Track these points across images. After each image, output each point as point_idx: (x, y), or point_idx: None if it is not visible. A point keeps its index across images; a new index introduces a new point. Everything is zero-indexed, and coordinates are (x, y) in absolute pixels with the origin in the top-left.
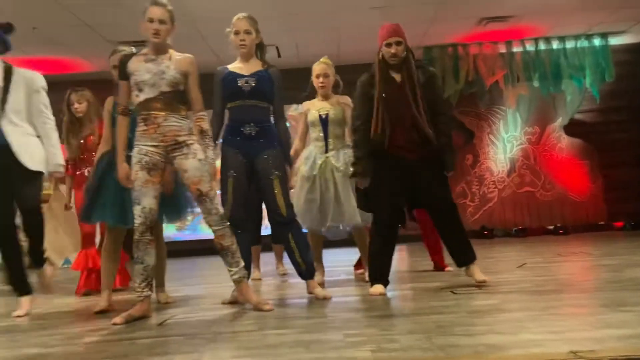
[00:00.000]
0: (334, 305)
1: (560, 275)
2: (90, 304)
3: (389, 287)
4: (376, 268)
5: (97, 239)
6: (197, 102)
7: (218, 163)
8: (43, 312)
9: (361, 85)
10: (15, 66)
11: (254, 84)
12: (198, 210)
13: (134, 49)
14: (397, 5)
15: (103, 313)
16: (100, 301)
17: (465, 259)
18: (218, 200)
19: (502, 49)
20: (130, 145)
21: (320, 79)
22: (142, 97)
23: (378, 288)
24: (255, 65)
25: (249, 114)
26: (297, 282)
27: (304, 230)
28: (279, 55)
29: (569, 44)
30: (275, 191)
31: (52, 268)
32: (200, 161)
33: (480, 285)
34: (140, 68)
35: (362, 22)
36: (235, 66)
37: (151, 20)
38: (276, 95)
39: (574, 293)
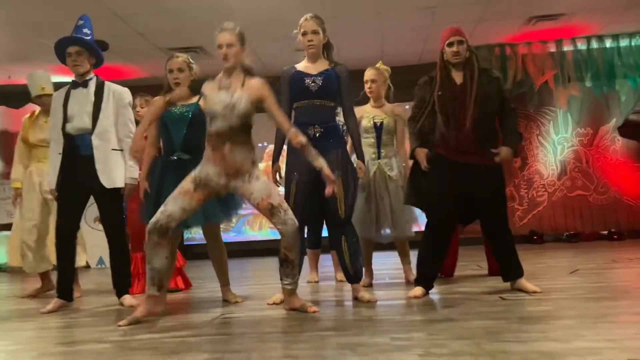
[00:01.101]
0: (381, 308)
1: (616, 282)
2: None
3: (435, 291)
4: (422, 271)
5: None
6: (284, 122)
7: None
8: (98, 310)
9: (419, 88)
10: (107, 81)
11: (320, 83)
12: (244, 212)
13: (189, 58)
14: (444, 6)
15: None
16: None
17: (512, 274)
18: (291, 211)
19: (552, 48)
20: (171, 150)
21: (368, 85)
22: (214, 127)
23: (416, 290)
24: (322, 65)
25: (314, 115)
26: (342, 285)
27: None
28: None
29: (623, 42)
30: (336, 193)
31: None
32: (263, 180)
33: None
34: (214, 97)
35: (407, 24)
36: (303, 66)
37: (220, 47)
38: (344, 92)
39: (630, 300)
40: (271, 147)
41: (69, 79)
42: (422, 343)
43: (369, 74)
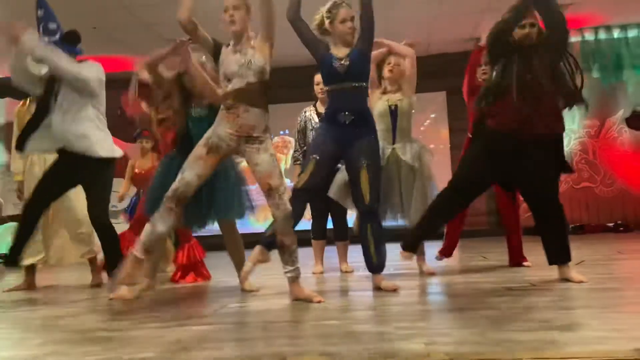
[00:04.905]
0: (385, 298)
1: (622, 273)
2: (156, 293)
3: (440, 281)
4: (414, 232)
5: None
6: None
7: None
8: (108, 300)
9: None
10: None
11: (347, 64)
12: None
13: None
14: None
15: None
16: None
17: (556, 258)
18: (287, 197)
19: None
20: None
21: (390, 66)
22: (230, 87)
23: (404, 253)
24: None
25: (344, 100)
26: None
27: None
28: None
29: (632, 33)
30: (362, 180)
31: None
32: (272, 156)
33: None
34: (230, 59)
35: (413, 15)
36: (335, 49)
37: (226, 9)
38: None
39: (636, 291)
40: (276, 139)
41: None
42: (426, 332)
43: (390, 59)
